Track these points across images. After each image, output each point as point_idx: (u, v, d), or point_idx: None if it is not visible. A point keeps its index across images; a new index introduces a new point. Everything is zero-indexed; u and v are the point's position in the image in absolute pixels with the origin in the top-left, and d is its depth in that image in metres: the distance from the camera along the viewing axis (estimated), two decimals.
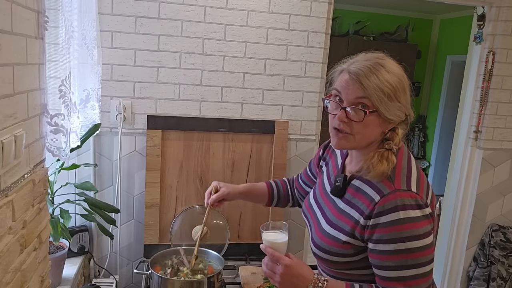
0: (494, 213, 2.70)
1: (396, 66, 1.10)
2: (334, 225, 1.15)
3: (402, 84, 1.08)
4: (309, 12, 2.20)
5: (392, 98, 1.05)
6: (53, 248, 1.75)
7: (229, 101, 2.21)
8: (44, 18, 1.16)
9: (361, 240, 1.09)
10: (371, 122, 1.06)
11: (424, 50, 5.49)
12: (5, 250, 0.92)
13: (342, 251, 1.11)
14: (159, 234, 2.12)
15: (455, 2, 2.51)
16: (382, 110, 1.05)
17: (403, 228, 1.00)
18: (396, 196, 1.02)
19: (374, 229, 1.04)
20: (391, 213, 1.01)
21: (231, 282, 1.79)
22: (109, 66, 2.05)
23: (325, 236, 1.16)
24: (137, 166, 2.16)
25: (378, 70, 1.05)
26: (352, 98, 1.06)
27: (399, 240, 1.01)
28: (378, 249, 1.04)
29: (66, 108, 1.33)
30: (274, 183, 1.60)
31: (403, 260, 1.01)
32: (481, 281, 2.63)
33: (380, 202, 1.03)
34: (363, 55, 1.12)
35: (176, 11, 2.07)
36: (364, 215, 1.06)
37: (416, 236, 1.01)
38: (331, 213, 1.18)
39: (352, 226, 1.09)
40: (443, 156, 5.05)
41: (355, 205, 1.11)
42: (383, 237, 1.02)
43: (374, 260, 1.07)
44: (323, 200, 1.25)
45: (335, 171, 1.27)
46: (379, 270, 1.06)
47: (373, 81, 1.04)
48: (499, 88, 2.55)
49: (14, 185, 0.99)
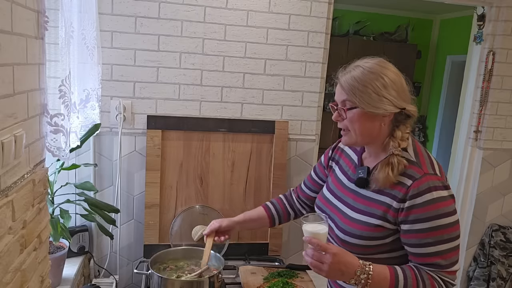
0: (494, 213, 2.70)
1: (381, 66, 1.18)
2: (363, 211, 1.21)
3: (382, 81, 1.15)
4: (309, 12, 2.20)
5: (369, 93, 1.14)
6: (53, 248, 1.75)
7: (229, 101, 2.21)
8: (44, 18, 1.16)
9: (393, 223, 1.16)
10: (356, 117, 1.17)
11: (424, 50, 5.48)
12: (5, 250, 0.92)
13: (375, 234, 1.18)
14: (159, 234, 2.12)
15: (455, 2, 2.51)
16: (362, 106, 1.15)
17: (437, 206, 1.11)
18: (427, 179, 1.13)
19: (410, 210, 1.12)
20: (426, 194, 1.11)
21: (231, 282, 1.79)
22: (109, 66, 2.05)
23: (355, 222, 1.22)
24: (137, 166, 2.16)
25: (354, 70, 1.18)
26: (339, 101, 1.21)
27: (436, 218, 1.10)
28: (416, 228, 1.12)
29: (66, 108, 1.33)
30: (271, 203, 1.63)
31: (440, 235, 1.11)
32: (481, 281, 2.63)
33: (414, 185, 1.12)
34: (357, 61, 1.22)
35: (176, 11, 2.07)
36: (397, 198, 1.14)
37: (449, 213, 1.11)
38: (357, 202, 1.25)
39: (384, 210, 1.17)
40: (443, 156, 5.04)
41: (385, 192, 1.18)
42: (421, 216, 1.11)
43: (411, 240, 1.14)
44: (343, 193, 1.31)
45: (351, 166, 1.34)
46: (418, 248, 1.13)
47: (345, 79, 1.18)
48: (499, 88, 2.55)
49: (14, 185, 0.99)
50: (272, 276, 1.74)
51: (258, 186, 2.25)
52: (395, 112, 1.17)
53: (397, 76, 1.18)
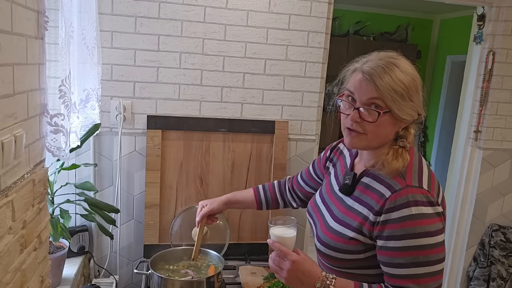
0: (494, 213, 2.70)
1: (410, 66, 1.10)
2: (340, 221, 1.14)
3: (415, 84, 1.08)
4: (309, 12, 2.20)
5: (405, 98, 1.05)
6: (53, 248, 1.75)
7: (229, 101, 2.21)
8: (44, 18, 1.16)
9: (369, 237, 1.07)
10: (384, 122, 1.06)
11: (424, 50, 5.48)
12: (5, 250, 0.92)
13: (348, 248, 1.10)
14: (159, 234, 2.12)
15: (455, 2, 2.50)
16: (395, 110, 1.05)
17: (415, 224, 0.99)
18: (408, 192, 1.02)
19: (384, 225, 1.02)
20: (403, 209, 1.00)
21: (231, 282, 1.79)
22: (109, 66, 2.05)
23: (331, 232, 1.14)
24: (137, 166, 2.16)
25: (392, 70, 1.05)
26: (365, 99, 1.06)
27: (411, 236, 0.99)
28: (389, 246, 1.02)
29: (66, 108, 1.33)
30: (262, 187, 1.61)
31: (415, 257, 1.00)
32: (481, 281, 2.63)
33: (392, 198, 1.02)
34: (376, 54, 1.11)
35: (176, 11, 2.07)
36: (374, 211, 1.05)
37: (429, 233, 0.99)
38: (338, 210, 1.17)
39: (360, 222, 1.08)
40: (443, 156, 5.04)
41: (364, 201, 1.10)
42: (395, 233, 1.01)
43: (384, 258, 1.05)
44: (330, 199, 1.24)
45: (344, 171, 1.26)
46: (390, 267, 1.04)
47: (386, 81, 1.03)
48: (499, 88, 2.55)
49: (14, 185, 0.99)
50: (272, 276, 1.74)
51: None
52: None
53: (420, 78, 1.10)
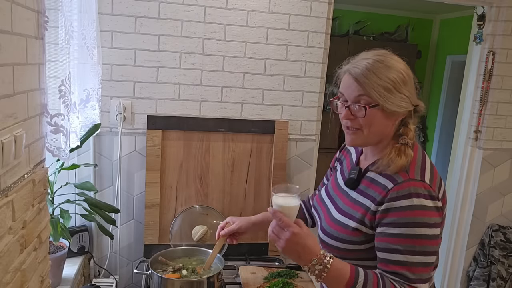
0: (494, 213, 2.70)
1: (396, 60, 1.13)
2: (345, 213, 1.18)
3: (401, 77, 1.10)
4: (309, 12, 2.20)
5: (392, 91, 1.08)
6: (53, 248, 1.75)
7: (229, 101, 2.21)
8: (44, 18, 1.16)
9: (370, 227, 1.11)
10: (375, 116, 1.10)
11: (424, 50, 5.48)
12: (5, 250, 0.92)
13: (351, 238, 1.14)
14: (159, 234, 2.12)
15: (455, 2, 2.50)
16: (383, 104, 1.08)
17: (415, 214, 1.04)
18: (410, 184, 1.06)
19: (386, 213, 1.07)
20: (405, 199, 1.05)
21: (231, 282, 1.79)
22: (109, 66, 2.05)
23: (335, 223, 1.19)
24: (137, 166, 2.16)
25: (376, 66, 1.09)
26: (353, 97, 1.11)
27: (411, 225, 1.03)
28: (387, 232, 1.06)
29: (66, 108, 1.33)
30: None
31: (412, 245, 1.04)
32: (481, 281, 2.63)
33: (394, 189, 1.07)
34: (364, 54, 1.16)
35: (176, 11, 2.07)
36: (376, 201, 1.10)
37: (427, 224, 1.04)
38: (343, 203, 1.21)
39: (363, 213, 1.13)
40: (443, 156, 5.04)
41: (368, 194, 1.14)
42: (396, 221, 1.05)
43: (381, 244, 1.08)
44: (335, 192, 1.28)
45: (349, 166, 1.30)
46: (386, 253, 1.07)
47: (371, 78, 1.08)
48: (499, 88, 2.55)
49: (14, 185, 0.99)
50: (272, 276, 1.74)
51: (258, 186, 2.25)
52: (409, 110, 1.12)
53: (410, 71, 1.13)
